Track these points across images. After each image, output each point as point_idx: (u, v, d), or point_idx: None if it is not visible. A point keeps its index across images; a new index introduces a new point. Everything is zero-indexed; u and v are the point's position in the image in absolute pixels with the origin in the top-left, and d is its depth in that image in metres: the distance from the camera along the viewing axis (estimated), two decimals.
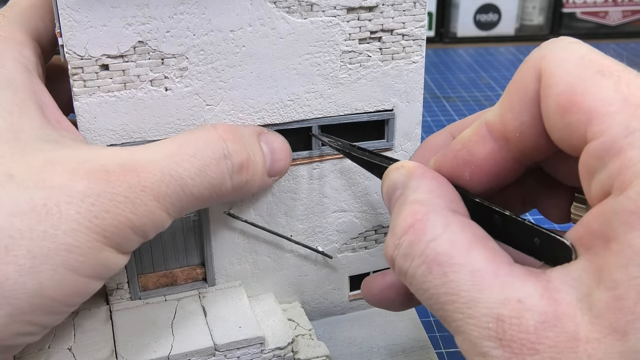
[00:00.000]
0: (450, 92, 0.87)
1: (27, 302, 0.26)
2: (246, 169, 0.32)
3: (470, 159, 0.27)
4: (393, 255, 0.25)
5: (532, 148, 0.26)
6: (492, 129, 0.27)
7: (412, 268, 0.24)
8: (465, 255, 0.23)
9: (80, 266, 0.27)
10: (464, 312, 0.22)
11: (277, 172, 0.35)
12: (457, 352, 0.41)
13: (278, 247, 0.39)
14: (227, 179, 0.31)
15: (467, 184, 0.28)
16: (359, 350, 0.40)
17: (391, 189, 0.28)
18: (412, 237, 0.24)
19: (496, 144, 0.27)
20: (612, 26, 1.13)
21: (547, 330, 0.21)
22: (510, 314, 0.21)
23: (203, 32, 0.32)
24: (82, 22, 0.30)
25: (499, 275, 0.22)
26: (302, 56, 0.34)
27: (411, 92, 0.37)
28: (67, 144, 0.29)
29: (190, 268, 0.38)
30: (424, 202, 0.25)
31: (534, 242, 0.25)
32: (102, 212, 0.27)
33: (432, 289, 0.23)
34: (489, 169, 0.27)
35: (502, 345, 0.21)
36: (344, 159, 0.38)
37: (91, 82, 0.31)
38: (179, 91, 0.33)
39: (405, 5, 0.35)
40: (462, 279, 0.23)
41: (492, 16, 1.10)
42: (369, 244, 0.41)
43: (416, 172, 0.27)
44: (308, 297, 0.41)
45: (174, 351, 0.33)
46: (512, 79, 0.26)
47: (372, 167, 0.32)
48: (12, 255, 0.25)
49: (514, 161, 0.27)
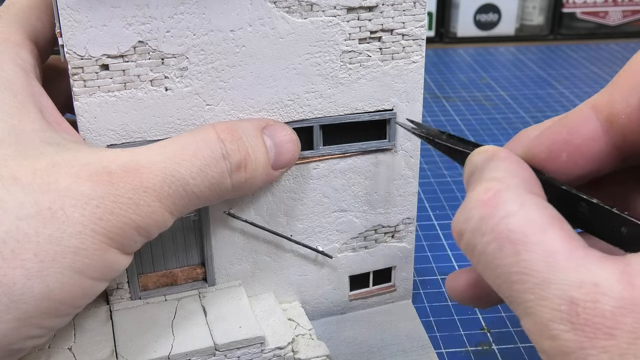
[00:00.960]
0: (450, 92, 0.87)
1: (35, 306, 0.26)
2: (244, 168, 0.32)
3: (570, 139, 0.27)
4: (462, 230, 0.25)
5: (636, 134, 0.26)
6: (597, 110, 0.26)
7: (482, 244, 0.23)
8: (540, 235, 0.22)
9: (87, 268, 0.27)
10: (535, 293, 0.22)
11: (282, 165, 0.34)
12: (457, 352, 0.41)
13: (278, 246, 0.39)
14: (226, 178, 0.31)
15: (562, 166, 0.27)
16: (359, 350, 0.40)
17: (470, 172, 0.28)
18: (484, 212, 0.24)
19: (600, 126, 0.26)
20: (612, 26, 1.13)
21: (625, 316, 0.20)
22: (585, 297, 0.21)
23: (203, 32, 0.32)
24: (82, 22, 0.30)
25: (574, 257, 0.22)
26: (302, 56, 0.34)
27: (411, 91, 0.37)
28: (68, 146, 0.29)
29: (190, 268, 0.38)
30: (499, 180, 0.25)
31: (620, 232, 0.24)
32: (107, 213, 0.27)
33: (502, 268, 0.23)
34: (588, 152, 0.27)
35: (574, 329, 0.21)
36: (344, 159, 0.38)
37: (91, 82, 0.31)
38: (179, 91, 0.33)
39: (405, 5, 0.35)
40: (535, 259, 0.22)
41: (492, 16, 1.10)
42: (369, 244, 0.41)
43: (498, 155, 0.27)
44: (308, 296, 0.41)
45: (174, 351, 0.33)
46: (624, 66, 0.26)
47: (456, 153, 0.31)
48: (20, 260, 0.25)
49: (615, 147, 0.26)
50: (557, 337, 0.21)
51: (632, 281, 0.21)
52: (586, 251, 0.22)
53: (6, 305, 0.25)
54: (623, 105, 0.25)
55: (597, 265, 0.22)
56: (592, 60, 1.00)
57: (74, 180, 0.27)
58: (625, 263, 0.22)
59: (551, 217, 0.23)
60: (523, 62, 1.01)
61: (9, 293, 0.25)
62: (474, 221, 0.24)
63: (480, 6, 1.10)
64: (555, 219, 0.23)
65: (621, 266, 0.21)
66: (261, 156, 0.33)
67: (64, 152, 0.28)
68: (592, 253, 0.22)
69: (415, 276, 0.47)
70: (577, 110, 0.27)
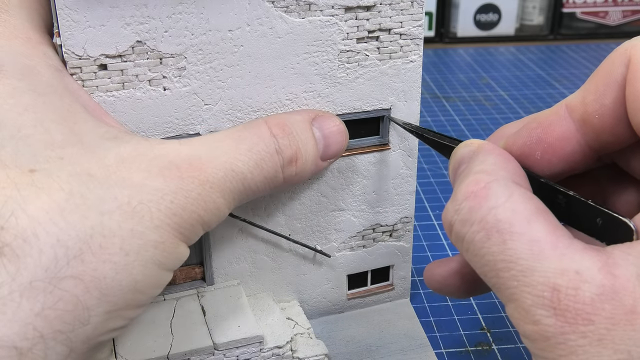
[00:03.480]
0: (450, 92, 0.88)
1: (123, 298, 0.26)
2: (295, 162, 0.32)
3: (544, 137, 0.28)
4: (452, 220, 0.26)
5: (609, 133, 0.26)
6: (571, 110, 0.27)
7: (471, 233, 0.24)
8: (525, 225, 0.23)
9: (165, 261, 0.28)
10: (519, 280, 0.23)
11: (331, 156, 0.35)
12: (457, 352, 0.41)
13: (276, 246, 0.39)
14: (279, 172, 0.32)
15: (536, 163, 0.28)
16: (358, 349, 0.40)
17: (457, 164, 0.29)
18: (473, 203, 0.25)
19: (573, 125, 0.27)
20: (612, 26, 1.13)
21: (604, 302, 0.21)
22: (567, 284, 0.22)
23: (201, 32, 0.32)
24: (80, 21, 0.30)
25: (558, 246, 0.23)
26: (300, 55, 0.34)
27: (409, 91, 0.37)
28: (125, 139, 0.29)
29: (189, 267, 0.38)
30: (488, 172, 0.26)
31: (596, 223, 0.25)
32: (180, 209, 0.28)
33: (489, 256, 0.24)
34: (562, 151, 0.28)
35: (555, 314, 0.22)
36: (342, 158, 0.38)
37: (90, 82, 0.32)
38: (178, 91, 0.33)
39: (403, 5, 0.35)
40: (520, 248, 0.23)
41: (492, 16, 1.10)
42: (367, 243, 0.41)
43: (484, 148, 0.28)
44: (306, 295, 0.41)
45: (173, 350, 0.33)
46: (599, 66, 0.27)
47: (442, 147, 0.32)
48: (107, 254, 0.26)
49: (588, 147, 0.27)
50: (539, 322, 0.22)
51: (613, 271, 0.22)
52: (570, 241, 0.23)
53: (98, 298, 0.25)
54: (596, 106, 0.26)
55: (579, 255, 0.22)
56: (592, 60, 1.00)
57: (146, 176, 0.28)
58: (607, 254, 0.22)
59: (537, 208, 0.24)
60: (523, 62, 1.01)
61: (100, 287, 0.25)
62: (463, 212, 0.25)
63: (480, 6, 1.10)
64: (541, 210, 0.24)
65: (603, 257, 0.22)
66: (311, 149, 0.33)
67: (125, 145, 0.29)
68: (575, 243, 0.23)
69: (415, 276, 0.48)
70: (553, 109, 0.28)
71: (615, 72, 0.25)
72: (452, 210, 0.26)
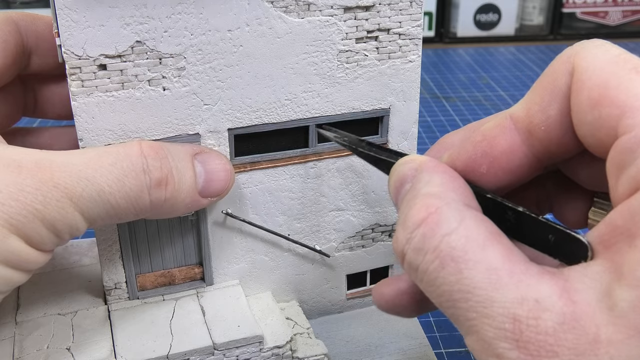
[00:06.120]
0: (450, 92, 0.88)
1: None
2: (165, 186, 0.31)
3: (489, 151, 0.27)
4: (404, 249, 0.24)
5: (556, 144, 0.25)
6: (516, 122, 0.26)
7: (425, 263, 0.23)
8: (480, 252, 0.22)
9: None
10: (478, 311, 0.22)
11: (212, 193, 0.34)
12: (457, 352, 0.41)
13: (276, 246, 0.39)
14: (145, 193, 0.31)
15: (482, 177, 0.27)
16: (357, 349, 0.40)
17: (399, 183, 0.27)
18: (425, 231, 0.24)
19: (519, 137, 0.26)
20: (612, 26, 1.13)
21: (567, 332, 0.20)
22: (527, 314, 0.21)
23: (201, 32, 0.32)
24: (79, 22, 0.30)
25: (515, 273, 0.22)
26: (300, 55, 0.34)
27: (408, 91, 0.37)
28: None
29: (188, 267, 0.38)
30: (437, 195, 0.24)
31: (548, 239, 0.24)
32: (10, 200, 0.27)
33: (445, 286, 0.23)
34: (508, 164, 0.27)
35: (518, 347, 0.21)
36: (341, 158, 0.38)
37: (89, 82, 0.32)
38: (177, 91, 0.33)
39: (402, 5, 0.35)
40: (477, 277, 0.22)
41: (492, 16, 1.10)
42: (366, 243, 0.41)
43: (427, 166, 0.27)
44: (306, 295, 0.41)
45: (173, 350, 0.33)
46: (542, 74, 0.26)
47: (379, 162, 0.31)
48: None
49: (534, 158, 0.26)
50: (502, 356, 0.21)
51: (572, 297, 0.21)
52: (527, 266, 0.22)
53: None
54: (542, 117, 0.25)
55: (537, 281, 0.22)
56: None
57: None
58: (564, 279, 0.21)
59: (490, 233, 0.23)
60: (523, 62, 1.01)
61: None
62: (415, 240, 0.24)
63: (480, 6, 1.10)
64: (494, 233, 0.23)
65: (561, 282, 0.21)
66: (187, 179, 0.32)
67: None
68: (532, 268, 0.22)
69: None
70: (497, 120, 0.27)
71: (559, 81, 0.24)
72: (403, 239, 0.24)
